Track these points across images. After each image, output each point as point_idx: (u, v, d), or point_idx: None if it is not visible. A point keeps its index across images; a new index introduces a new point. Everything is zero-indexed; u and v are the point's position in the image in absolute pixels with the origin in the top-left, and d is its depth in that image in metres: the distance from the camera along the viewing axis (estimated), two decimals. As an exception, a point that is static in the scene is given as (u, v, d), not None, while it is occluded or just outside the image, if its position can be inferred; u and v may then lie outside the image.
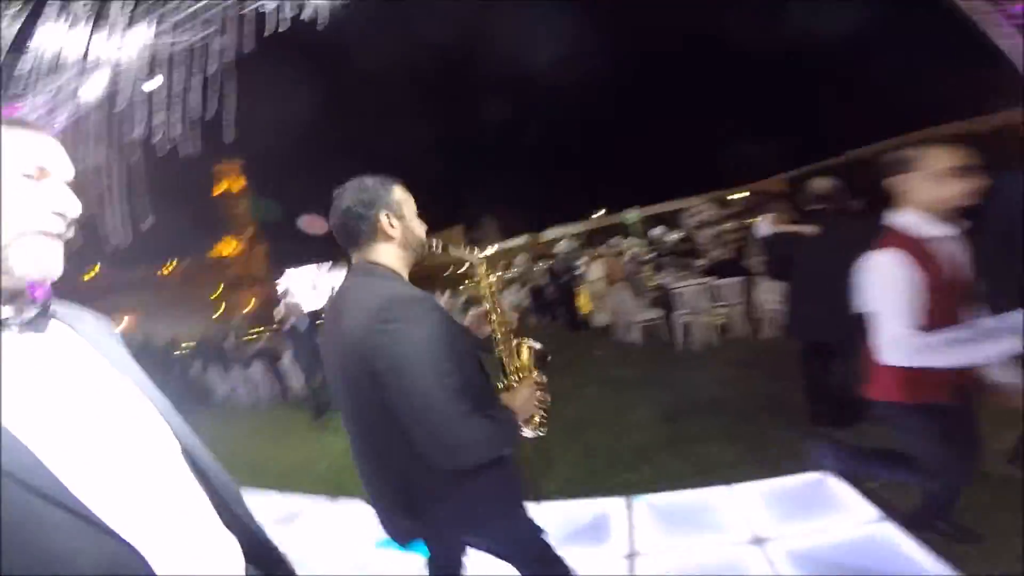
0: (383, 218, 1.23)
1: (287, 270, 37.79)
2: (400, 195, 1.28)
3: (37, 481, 0.51)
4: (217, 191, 52.34)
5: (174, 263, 45.98)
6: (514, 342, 1.51)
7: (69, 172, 0.68)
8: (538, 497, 2.83)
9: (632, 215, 23.49)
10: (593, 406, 4.53)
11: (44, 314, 0.64)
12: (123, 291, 36.83)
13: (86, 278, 35.07)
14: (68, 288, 0.71)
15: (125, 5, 4.44)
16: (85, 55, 4.59)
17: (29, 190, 0.61)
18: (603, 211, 31.53)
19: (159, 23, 4.78)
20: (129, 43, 4.75)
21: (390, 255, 1.26)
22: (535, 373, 1.50)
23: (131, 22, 4.67)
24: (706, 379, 4.64)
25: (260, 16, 4.66)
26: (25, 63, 4.55)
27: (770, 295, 5.33)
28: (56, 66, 4.64)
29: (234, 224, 51.57)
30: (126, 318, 33.14)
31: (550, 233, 31.73)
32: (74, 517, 0.53)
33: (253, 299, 44.56)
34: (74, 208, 0.65)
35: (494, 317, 1.48)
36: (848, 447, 2.16)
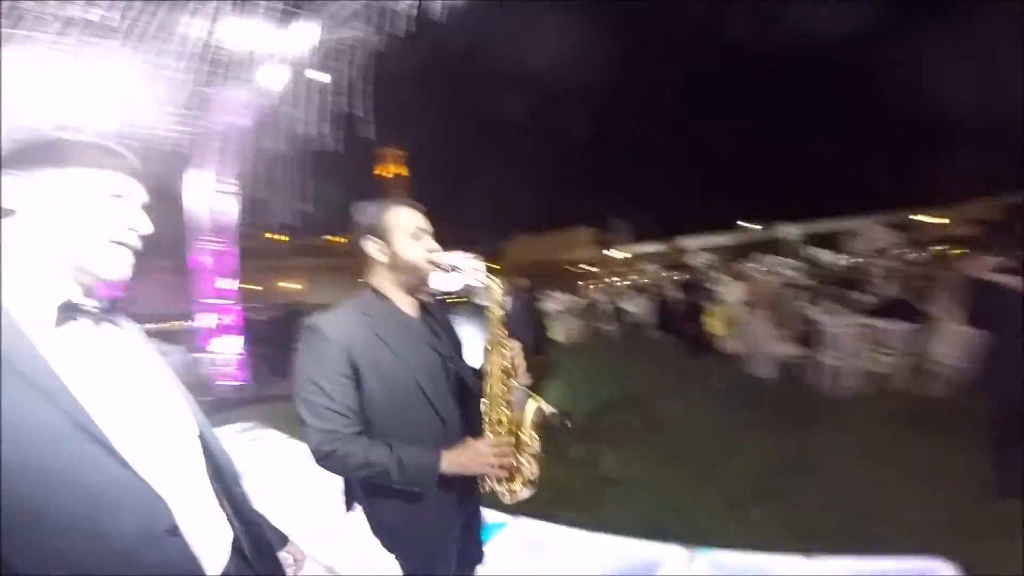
0: (368, 244, 1.29)
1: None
2: (393, 220, 1.29)
3: (97, 433, 0.66)
4: (377, 171, 59.59)
5: (337, 237, 52.71)
6: (511, 392, 1.31)
7: (144, 195, 0.82)
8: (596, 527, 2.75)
9: (791, 231, 20.61)
10: (694, 442, 4.09)
11: (112, 309, 0.80)
12: (299, 256, 43.30)
13: (274, 237, 41.78)
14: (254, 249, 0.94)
15: (298, 3, 5.02)
16: (266, 51, 5.28)
17: (111, 207, 0.76)
18: (754, 223, 28.58)
19: (328, 20, 5.30)
20: (301, 39, 5.35)
21: (381, 276, 1.32)
22: (525, 435, 1.29)
23: (303, 19, 5.25)
24: (842, 434, 3.96)
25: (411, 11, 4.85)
26: (221, 57, 5.35)
27: (949, 348, 4.40)
28: (247, 62, 5.42)
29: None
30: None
31: (690, 243, 29.71)
32: (121, 466, 0.67)
33: (398, 275, 49.52)
34: (144, 226, 0.80)
35: (493, 359, 1.30)
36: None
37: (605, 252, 38.32)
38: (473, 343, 1.52)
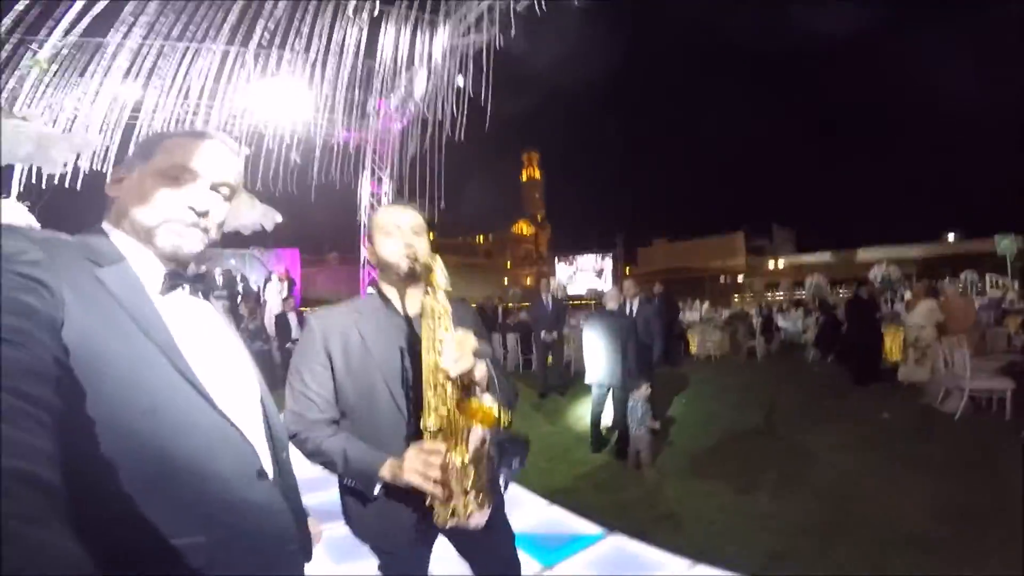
0: (366, 247, 1.43)
1: (560, 255, 41.11)
2: (376, 220, 1.32)
3: (199, 385, 0.74)
4: (524, 176, 61.46)
5: (482, 236, 55.72)
6: (449, 400, 1.08)
7: (216, 176, 0.85)
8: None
9: (1006, 244, 16.09)
10: (845, 481, 3.52)
11: (201, 280, 0.87)
12: (446, 252, 46.96)
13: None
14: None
15: (441, 8, 5.31)
16: (413, 56, 5.69)
17: (174, 188, 0.81)
18: (952, 233, 23.41)
19: (461, 23, 5.52)
20: (440, 44, 5.65)
21: (380, 276, 1.36)
22: (458, 456, 1.07)
23: (443, 24, 5.54)
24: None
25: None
26: (376, 64, 5.89)
27: None
28: (397, 68, 5.90)
29: (530, 207, 59.52)
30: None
31: (871, 254, 25.50)
32: (218, 415, 0.75)
33: (531, 276, 50.37)
34: (205, 204, 0.83)
35: (427, 359, 1.11)
36: None
37: (761, 260, 34.67)
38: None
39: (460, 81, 5.83)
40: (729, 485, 3.53)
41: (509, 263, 53.61)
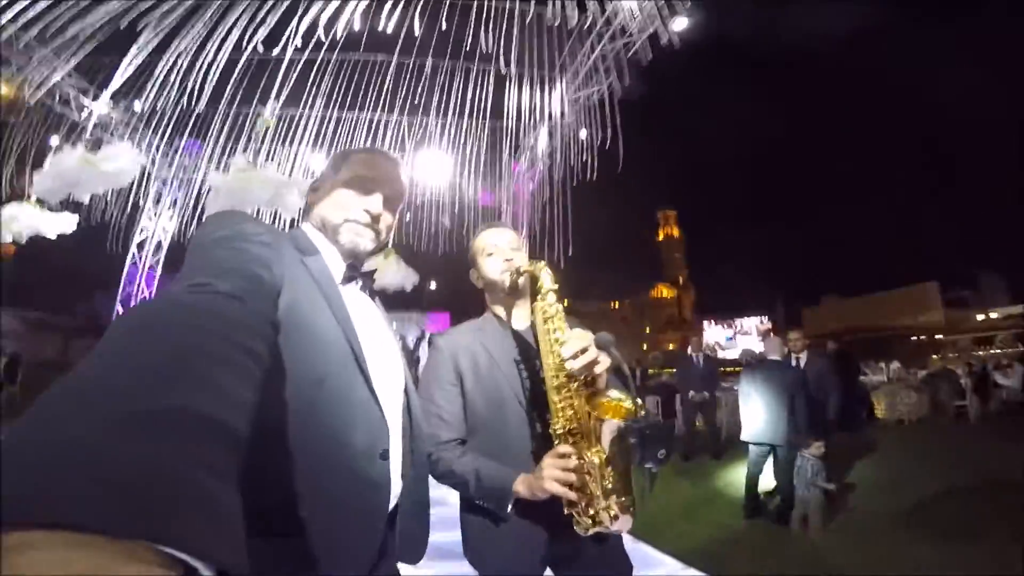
0: (471, 273, 1.44)
1: (709, 319, 38.15)
2: (477, 243, 1.39)
3: (362, 362, 0.83)
4: (660, 236, 59.64)
5: (618, 302, 54.69)
6: (576, 400, 1.06)
7: (388, 189, 1.01)
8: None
9: None
10: None
11: (371, 278, 1.01)
12: (578, 318, 46.75)
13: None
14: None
15: (556, 63, 5.71)
16: (538, 114, 6.13)
17: (356, 194, 0.97)
18: None
19: (576, 77, 5.84)
20: (557, 99, 6.02)
21: (489, 299, 1.42)
22: (593, 456, 1.02)
23: (559, 79, 5.92)
24: None
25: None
26: (504, 126, 6.47)
27: None
28: (524, 128, 6.42)
29: (670, 269, 57.07)
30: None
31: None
32: (369, 392, 0.83)
33: (674, 342, 47.43)
34: (378, 209, 0.98)
35: (547, 361, 1.11)
36: None
37: (964, 314, 28.09)
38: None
39: (583, 134, 6.07)
40: (925, 549, 2.89)
41: (648, 329, 51.37)
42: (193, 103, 4.88)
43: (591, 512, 1.01)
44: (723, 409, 7.10)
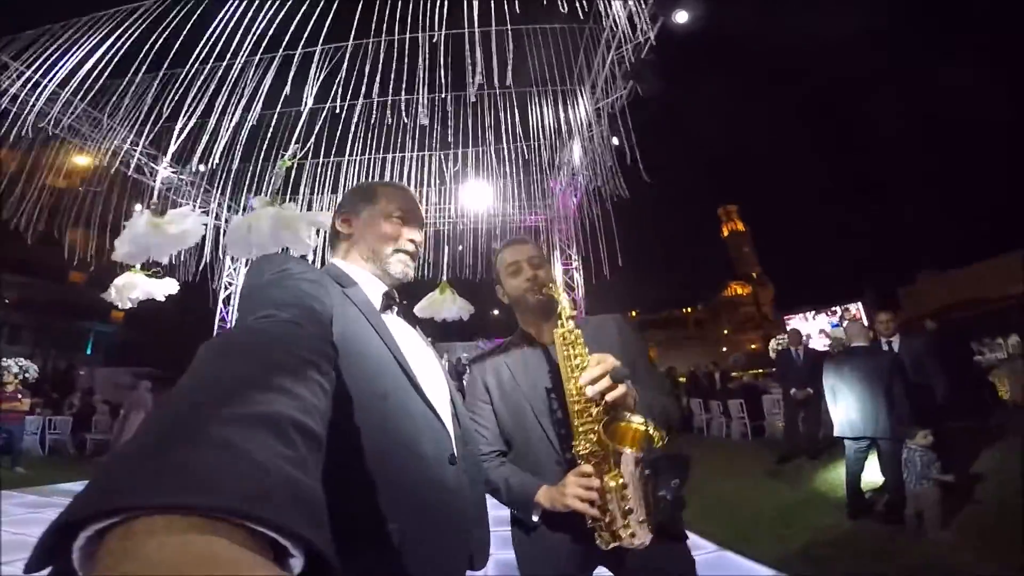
0: (498, 291, 1.48)
1: (790, 315, 35.54)
2: (500, 261, 1.43)
3: (414, 379, 0.91)
4: (725, 232, 56.72)
5: (690, 308, 52.44)
6: (598, 422, 1.06)
7: (421, 218, 1.12)
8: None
9: None
10: None
11: (403, 304, 1.08)
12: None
13: (632, 314, 45.33)
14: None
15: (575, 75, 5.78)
16: (563, 128, 6.19)
17: (400, 226, 1.07)
18: None
19: (596, 86, 5.84)
20: (582, 111, 6.04)
21: (518, 315, 1.45)
22: (613, 480, 1.04)
23: (580, 90, 5.95)
24: None
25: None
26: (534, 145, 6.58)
27: None
28: (555, 144, 6.48)
29: (741, 265, 54.03)
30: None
31: None
32: (425, 405, 0.90)
33: (756, 341, 44.59)
34: (419, 238, 1.09)
35: (568, 384, 1.13)
36: None
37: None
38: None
39: (616, 141, 6.01)
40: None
41: (726, 330, 48.67)
42: (248, 160, 5.45)
43: (612, 529, 1.05)
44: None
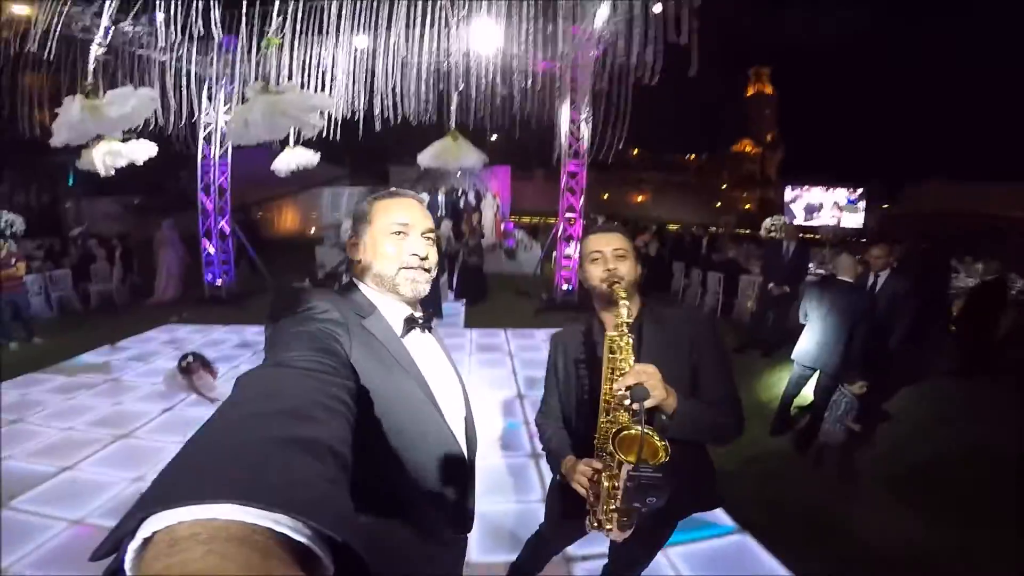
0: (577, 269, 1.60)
1: (792, 184, 34.60)
2: (585, 247, 1.48)
3: (428, 392, 1.00)
4: (749, 92, 52.25)
5: (694, 156, 50.45)
6: (620, 428, 1.16)
7: (424, 225, 1.08)
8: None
9: None
10: None
11: (429, 321, 1.10)
12: (649, 169, 44.12)
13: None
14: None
15: None
16: None
17: (398, 240, 1.04)
18: None
19: None
20: None
21: (594, 298, 1.53)
22: (607, 484, 1.19)
23: None
24: None
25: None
26: None
27: None
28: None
29: (757, 126, 50.92)
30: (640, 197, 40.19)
31: None
32: (440, 416, 1.01)
33: (751, 202, 44.37)
34: (424, 250, 1.06)
35: (606, 384, 1.25)
36: None
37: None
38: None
39: (658, 8, 5.14)
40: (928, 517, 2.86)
41: (725, 185, 47.81)
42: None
43: (598, 517, 1.23)
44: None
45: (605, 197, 34.99)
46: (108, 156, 2.59)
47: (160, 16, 5.23)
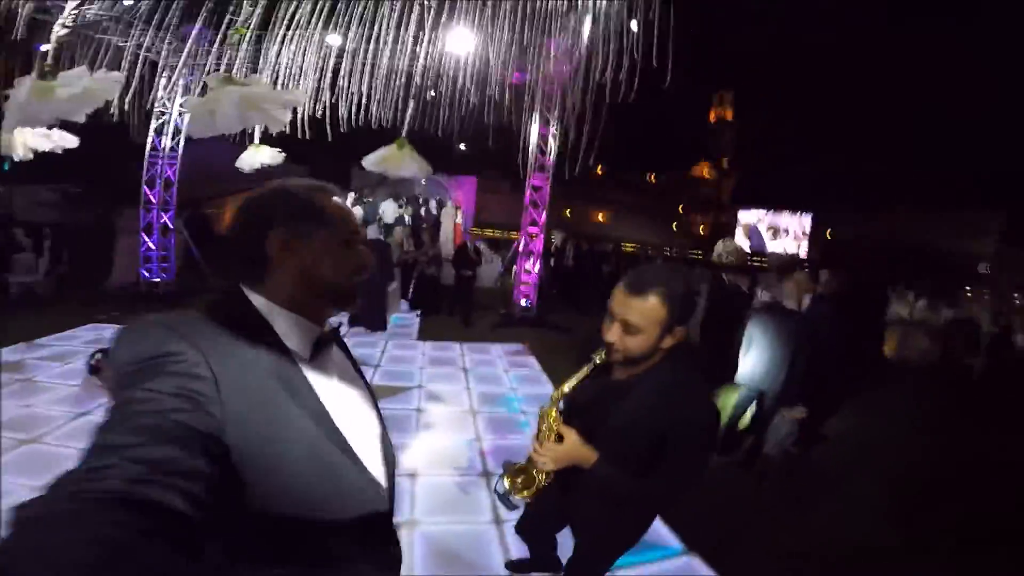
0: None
1: (743, 209, 36.34)
2: (611, 300, 1.43)
3: (338, 438, 0.82)
4: (712, 116, 54.60)
5: (654, 175, 52.16)
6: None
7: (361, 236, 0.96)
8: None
9: None
10: None
11: (337, 333, 0.97)
12: (611, 188, 45.15)
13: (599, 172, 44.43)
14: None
15: None
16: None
17: (345, 252, 0.89)
18: None
19: None
20: None
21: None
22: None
23: None
24: None
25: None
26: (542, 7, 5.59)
27: None
28: (564, 8, 5.54)
29: (717, 150, 53.28)
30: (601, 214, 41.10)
31: None
32: (348, 458, 0.83)
33: (705, 224, 46.16)
34: (368, 263, 0.94)
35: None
36: None
37: (1018, 254, 25.93)
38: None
39: (634, 26, 5.29)
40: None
41: (681, 207, 49.59)
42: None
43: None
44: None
45: (567, 214, 35.46)
46: (33, 138, 2.37)
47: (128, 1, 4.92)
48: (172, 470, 0.56)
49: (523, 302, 8.41)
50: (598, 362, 1.37)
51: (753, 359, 4.09)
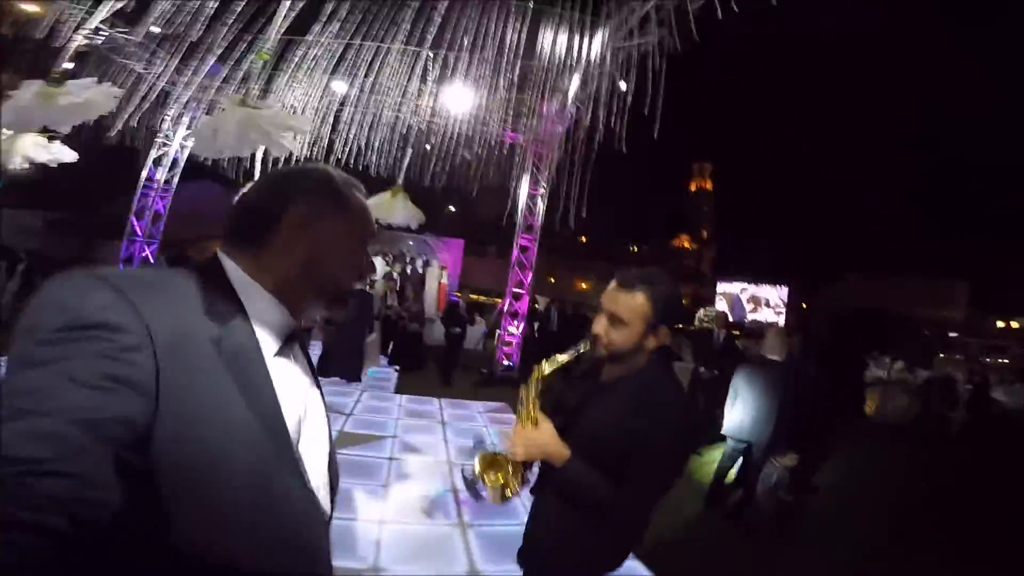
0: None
1: (723, 281, 37.46)
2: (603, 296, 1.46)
3: (290, 455, 0.71)
4: (693, 187, 57.47)
5: (638, 245, 53.92)
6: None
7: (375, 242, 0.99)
8: None
9: None
10: None
11: (302, 332, 0.87)
12: (595, 257, 46.43)
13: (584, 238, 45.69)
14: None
15: (602, 10, 5.20)
16: (570, 59, 5.68)
17: (356, 250, 0.86)
18: None
19: (623, 26, 5.29)
20: (598, 47, 5.52)
21: None
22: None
23: (603, 25, 5.40)
24: None
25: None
26: (536, 66, 6.01)
27: None
28: (558, 70, 5.97)
29: (696, 221, 55.57)
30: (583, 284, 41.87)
31: None
32: (292, 467, 0.71)
33: (686, 296, 47.16)
34: (371, 271, 0.93)
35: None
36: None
37: (987, 318, 27.01)
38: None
39: (623, 86, 5.60)
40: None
41: (665, 277, 50.87)
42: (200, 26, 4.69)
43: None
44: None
45: (551, 280, 36.04)
46: (32, 148, 2.41)
47: (156, 30, 5.20)
48: (71, 497, 0.45)
49: (505, 362, 8.30)
50: (582, 350, 1.38)
51: (740, 411, 4.04)
